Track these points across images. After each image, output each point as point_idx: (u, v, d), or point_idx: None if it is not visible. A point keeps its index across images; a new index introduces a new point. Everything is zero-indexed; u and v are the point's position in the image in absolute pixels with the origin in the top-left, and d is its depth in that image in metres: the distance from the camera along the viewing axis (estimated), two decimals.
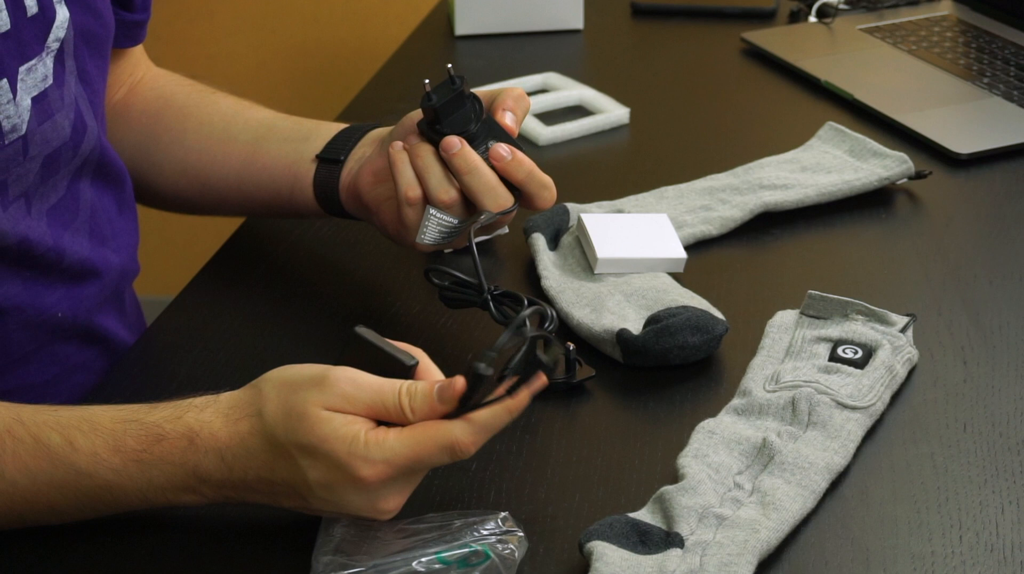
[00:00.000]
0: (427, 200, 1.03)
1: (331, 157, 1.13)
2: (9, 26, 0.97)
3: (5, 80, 0.97)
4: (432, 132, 1.03)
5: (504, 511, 0.85)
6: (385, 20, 2.45)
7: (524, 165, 1.02)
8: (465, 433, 0.81)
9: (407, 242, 1.07)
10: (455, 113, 1.02)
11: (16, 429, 0.86)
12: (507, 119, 1.04)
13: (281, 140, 1.17)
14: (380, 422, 0.82)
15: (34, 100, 1.00)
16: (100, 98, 1.11)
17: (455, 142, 1.02)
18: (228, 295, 1.19)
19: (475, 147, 1.02)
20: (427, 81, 1.03)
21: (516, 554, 0.83)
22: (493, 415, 0.82)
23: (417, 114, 1.05)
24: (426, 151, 1.03)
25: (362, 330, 0.85)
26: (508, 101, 1.05)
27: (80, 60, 1.07)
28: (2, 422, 0.86)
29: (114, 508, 0.86)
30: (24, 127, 0.99)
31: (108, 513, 0.87)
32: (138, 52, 1.25)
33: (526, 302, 1.00)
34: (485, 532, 0.83)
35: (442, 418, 0.82)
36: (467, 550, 0.82)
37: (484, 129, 1.03)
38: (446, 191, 1.02)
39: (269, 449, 0.83)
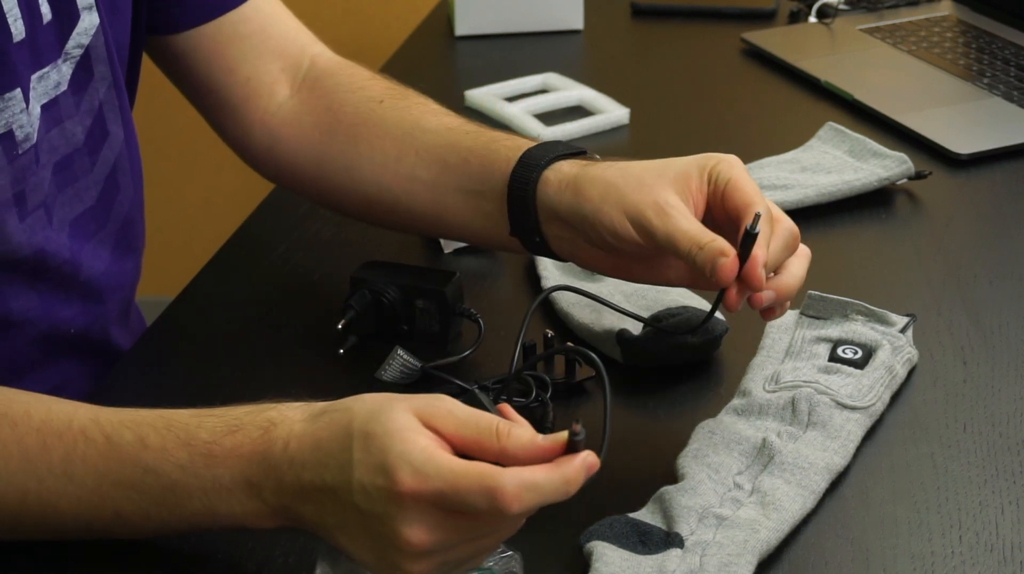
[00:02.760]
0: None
1: (526, 237, 1.01)
2: (24, 34, 0.95)
3: (19, 89, 0.96)
4: None
5: None
6: (385, 20, 2.45)
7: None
8: (512, 484, 0.74)
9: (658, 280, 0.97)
10: None
11: (90, 430, 0.84)
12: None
13: (460, 191, 1.05)
14: (464, 456, 0.77)
15: (43, 107, 0.99)
16: (128, 104, 1.08)
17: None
18: (228, 295, 1.19)
19: None
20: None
21: (519, 572, 0.83)
22: (548, 479, 0.75)
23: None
24: None
25: (479, 392, 0.82)
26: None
27: (114, 67, 1.05)
28: (79, 423, 0.85)
29: (178, 516, 0.83)
30: (35, 135, 0.98)
31: (173, 524, 0.84)
32: (261, 34, 1.15)
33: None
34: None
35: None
36: (475, 571, 0.82)
37: None
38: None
39: (335, 440, 0.79)
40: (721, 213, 0.93)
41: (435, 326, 1.06)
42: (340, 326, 1.05)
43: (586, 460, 0.76)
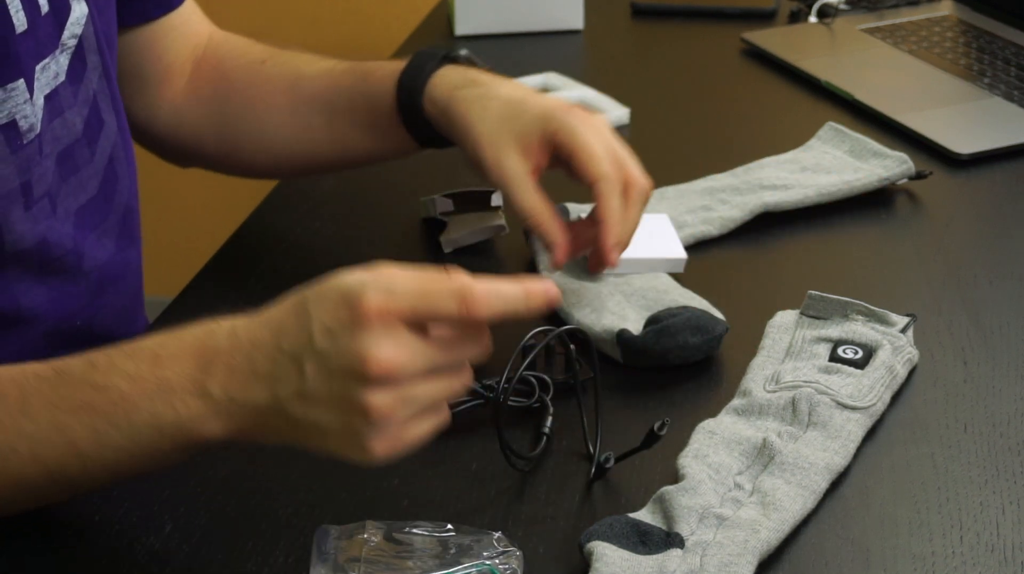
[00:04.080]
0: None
1: (434, 146, 1.13)
2: (26, 25, 0.96)
3: (22, 80, 0.96)
4: None
5: (498, 532, 0.84)
6: (385, 20, 2.45)
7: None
8: (480, 286, 0.78)
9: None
10: None
11: (41, 369, 0.86)
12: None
13: (357, 126, 1.15)
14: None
15: (46, 98, 1.00)
16: (118, 90, 1.10)
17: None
18: (228, 295, 1.19)
19: None
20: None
21: (519, 572, 0.83)
22: (511, 289, 0.80)
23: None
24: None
25: None
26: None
27: (103, 54, 1.06)
28: (31, 368, 0.86)
29: (128, 435, 0.83)
30: (39, 126, 0.99)
31: (123, 446, 0.83)
32: (185, 21, 1.22)
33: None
34: (484, 554, 0.83)
35: None
36: (474, 569, 0.82)
37: None
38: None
39: (286, 309, 0.81)
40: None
41: None
42: None
43: (546, 284, 0.81)
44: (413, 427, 0.80)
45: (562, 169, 1.06)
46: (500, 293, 0.79)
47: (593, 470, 0.93)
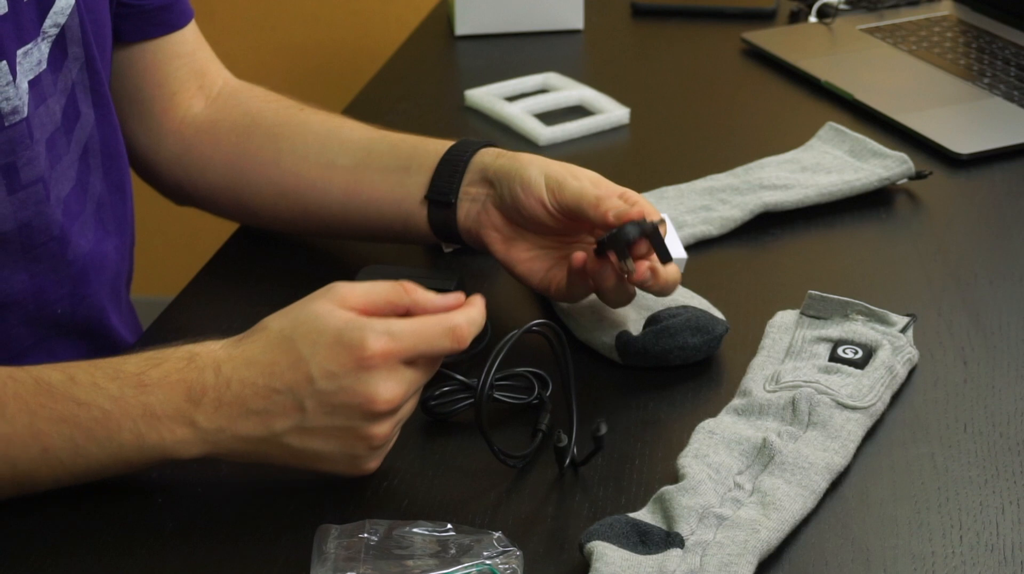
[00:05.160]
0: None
1: (440, 199, 1.10)
2: (7, 8, 0.98)
3: (4, 63, 0.98)
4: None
5: (498, 531, 0.84)
6: (385, 20, 2.45)
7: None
8: (462, 319, 0.88)
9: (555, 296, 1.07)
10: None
11: (18, 374, 0.88)
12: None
13: (382, 170, 1.13)
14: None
15: (30, 84, 1.01)
16: (106, 87, 1.11)
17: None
18: (228, 295, 1.19)
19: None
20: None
21: (519, 571, 0.83)
22: (478, 313, 0.89)
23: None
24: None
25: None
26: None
27: (88, 48, 1.07)
28: (5, 371, 0.88)
29: (107, 450, 0.87)
30: (25, 110, 1.00)
31: (100, 458, 0.87)
32: (190, 52, 1.21)
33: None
34: (485, 554, 0.83)
35: None
36: (474, 570, 0.82)
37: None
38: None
39: (272, 350, 0.86)
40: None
41: None
42: None
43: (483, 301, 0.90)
44: (397, 437, 0.91)
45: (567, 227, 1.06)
46: (473, 319, 0.89)
47: (568, 461, 0.93)
